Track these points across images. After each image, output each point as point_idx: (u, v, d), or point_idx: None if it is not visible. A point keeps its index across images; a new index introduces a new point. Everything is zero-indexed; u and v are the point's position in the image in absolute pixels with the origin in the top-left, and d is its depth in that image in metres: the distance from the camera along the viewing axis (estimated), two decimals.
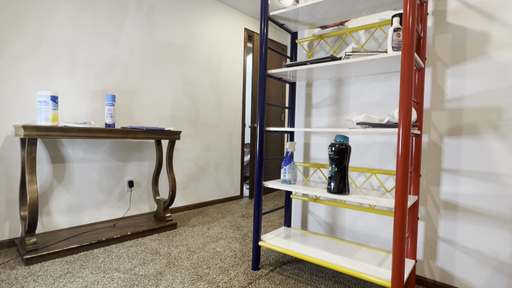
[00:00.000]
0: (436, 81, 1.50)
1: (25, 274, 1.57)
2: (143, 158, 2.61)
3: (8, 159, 1.90)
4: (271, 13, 1.67)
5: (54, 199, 2.09)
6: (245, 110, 3.63)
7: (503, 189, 1.33)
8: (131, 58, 2.50)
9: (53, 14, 2.05)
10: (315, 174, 1.95)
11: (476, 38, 1.39)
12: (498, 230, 1.34)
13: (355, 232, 1.78)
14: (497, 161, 1.34)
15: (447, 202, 1.47)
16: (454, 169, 1.45)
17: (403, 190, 1.16)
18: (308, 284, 1.54)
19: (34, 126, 1.63)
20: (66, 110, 2.14)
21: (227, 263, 1.77)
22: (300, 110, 2.04)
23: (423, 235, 1.54)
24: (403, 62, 1.16)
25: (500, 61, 1.33)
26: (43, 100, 1.71)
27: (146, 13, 2.59)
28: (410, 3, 1.15)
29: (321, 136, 1.93)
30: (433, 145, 1.51)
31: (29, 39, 1.95)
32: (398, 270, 1.16)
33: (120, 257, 1.82)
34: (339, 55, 1.86)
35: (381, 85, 1.67)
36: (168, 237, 2.18)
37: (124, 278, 1.56)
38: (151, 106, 2.66)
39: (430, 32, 1.51)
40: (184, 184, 2.98)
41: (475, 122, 1.39)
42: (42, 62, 2.02)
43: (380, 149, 1.67)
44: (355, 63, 1.40)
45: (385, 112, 1.65)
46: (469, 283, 1.42)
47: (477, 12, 1.39)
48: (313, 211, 1.97)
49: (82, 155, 2.22)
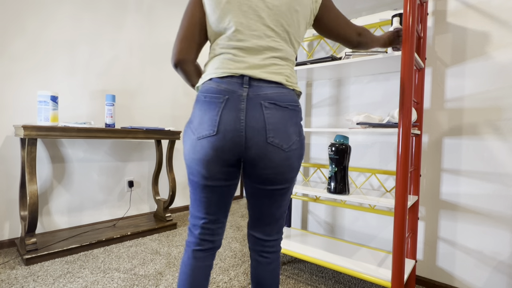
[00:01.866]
0: (436, 81, 1.50)
1: (25, 274, 1.57)
2: (143, 158, 2.61)
3: (8, 159, 1.89)
4: None
5: (54, 199, 2.09)
6: None
7: (503, 189, 1.33)
8: (131, 57, 2.50)
9: (53, 14, 2.05)
10: (315, 174, 1.95)
11: (476, 38, 1.39)
12: (498, 230, 1.34)
13: (355, 232, 1.78)
14: (497, 161, 1.34)
15: (447, 202, 1.47)
16: (454, 169, 1.45)
17: (403, 190, 1.16)
18: (308, 284, 1.54)
19: (34, 126, 1.63)
20: (66, 110, 2.13)
21: (227, 263, 1.77)
22: None
23: (423, 235, 1.54)
24: (403, 62, 1.16)
25: (500, 61, 1.33)
26: (43, 100, 1.71)
27: (146, 13, 2.59)
28: (410, 3, 1.15)
29: (321, 136, 1.93)
30: (433, 145, 1.51)
31: (29, 39, 1.95)
32: (398, 270, 1.16)
33: (120, 257, 1.82)
34: (339, 55, 1.86)
35: (381, 85, 1.67)
36: (168, 237, 2.18)
37: (124, 278, 1.56)
38: (151, 106, 2.66)
39: (430, 32, 1.51)
40: (184, 184, 2.98)
41: (475, 122, 1.39)
42: (42, 62, 2.02)
43: (380, 149, 1.67)
44: (355, 63, 1.40)
45: (385, 112, 1.65)
46: (469, 283, 1.42)
47: (477, 12, 1.39)
48: (313, 211, 1.97)
49: (82, 155, 2.22)
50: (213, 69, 0.80)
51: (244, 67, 0.77)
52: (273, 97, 0.76)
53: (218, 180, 0.80)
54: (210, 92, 0.77)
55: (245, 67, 0.77)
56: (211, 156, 0.77)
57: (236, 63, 0.78)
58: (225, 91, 0.76)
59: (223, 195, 0.83)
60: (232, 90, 0.76)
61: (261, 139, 0.75)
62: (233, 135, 0.75)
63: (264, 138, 0.75)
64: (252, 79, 0.77)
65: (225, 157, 0.77)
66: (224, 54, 0.80)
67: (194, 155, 0.79)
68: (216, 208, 0.84)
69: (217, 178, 0.80)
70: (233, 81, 0.77)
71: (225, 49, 0.80)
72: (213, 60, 0.82)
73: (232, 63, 0.78)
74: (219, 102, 0.75)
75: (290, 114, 0.79)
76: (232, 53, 0.79)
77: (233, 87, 0.76)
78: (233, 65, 0.78)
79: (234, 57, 0.79)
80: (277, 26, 0.79)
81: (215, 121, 0.75)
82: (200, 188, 0.82)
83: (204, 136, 0.76)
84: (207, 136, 0.76)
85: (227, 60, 0.79)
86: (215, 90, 0.77)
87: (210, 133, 0.75)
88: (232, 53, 0.79)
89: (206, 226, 0.85)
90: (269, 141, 0.76)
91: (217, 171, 0.79)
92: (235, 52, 0.79)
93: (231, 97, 0.75)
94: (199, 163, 0.78)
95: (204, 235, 0.86)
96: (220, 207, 0.85)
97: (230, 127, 0.74)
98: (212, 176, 0.79)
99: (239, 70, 0.77)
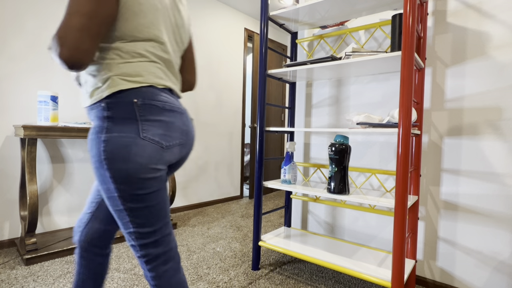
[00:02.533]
0: (436, 81, 1.50)
1: (25, 274, 1.57)
2: None
3: (8, 159, 1.89)
4: (271, 13, 1.67)
5: (54, 199, 2.09)
6: (245, 110, 3.63)
7: (503, 189, 1.33)
8: None
9: (53, 14, 2.05)
10: (315, 174, 1.95)
11: (476, 38, 1.39)
12: (498, 230, 1.34)
13: (355, 232, 1.78)
14: (497, 161, 1.34)
15: (447, 202, 1.47)
16: (454, 169, 1.45)
17: (403, 190, 1.16)
18: (308, 284, 1.54)
19: (34, 126, 1.63)
20: (66, 110, 2.13)
21: (227, 263, 1.77)
22: (300, 110, 2.04)
23: (423, 235, 1.54)
24: (403, 62, 1.16)
25: (500, 61, 1.33)
26: (43, 100, 1.71)
27: None
28: (410, 3, 1.15)
29: (321, 136, 1.93)
30: (433, 145, 1.51)
31: (29, 39, 1.95)
32: (398, 270, 1.16)
33: (120, 257, 1.82)
34: (339, 55, 1.86)
35: (381, 85, 1.67)
36: None
37: (124, 278, 1.56)
38: None
39: (430, 32, 1.51)
40: (184, 184, 2.98)
41: (475, 122, 1.39)
42: (42, 62, 2.01)
43: (380, 149, 1.67)
44: (355, 63, 1.40)
45: (385, 112, 1.65)
46: (469, 283, 1.42)
47: (477, 12, 1.39)
48: (313, 211, 1.97)
49: (82, 155, 2.22)
50: (151, 75, 0.78)
51: (172, 82, 0.84)
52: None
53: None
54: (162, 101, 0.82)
55: (172, 83, 0.84)
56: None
57: (166, 76, 0.82)
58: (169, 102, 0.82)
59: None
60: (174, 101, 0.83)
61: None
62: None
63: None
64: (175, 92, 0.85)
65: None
66: (154, 63, 0.78)
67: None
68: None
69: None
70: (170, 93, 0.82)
71: (154, 57, 0.78)
72: (141, 64, 0.76)
73: (163, 75, 0.80)
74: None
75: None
76: (160, 64, 0.80)
77: (175, 99, 0.83)
78: (165, 77, 0.81)
79: (163, 68, 0.81)
80: (182, 42, 0.89)
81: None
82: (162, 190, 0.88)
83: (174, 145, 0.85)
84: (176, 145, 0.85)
85: (158, 70, 0.79)
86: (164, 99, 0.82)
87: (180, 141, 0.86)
88: (160, 64, 0.80)
89: (172, 233, 0.89)
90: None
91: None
92: (161, 63, 0.81)
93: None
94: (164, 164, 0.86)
95: (175, 245, 0.87)
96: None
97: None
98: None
99: (169, 84, 0.82)
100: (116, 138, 0.70)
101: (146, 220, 0.75)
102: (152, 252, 0.77)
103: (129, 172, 0.70)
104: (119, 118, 0.72)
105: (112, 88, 0.72)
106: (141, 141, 0.71)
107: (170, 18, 0.82)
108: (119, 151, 0.70)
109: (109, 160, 0.70)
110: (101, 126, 0.72)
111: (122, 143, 0.70)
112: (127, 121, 0.72)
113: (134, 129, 0.71)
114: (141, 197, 0.73)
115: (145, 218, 0.75)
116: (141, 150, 0.71)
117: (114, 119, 0.72)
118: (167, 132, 0.77)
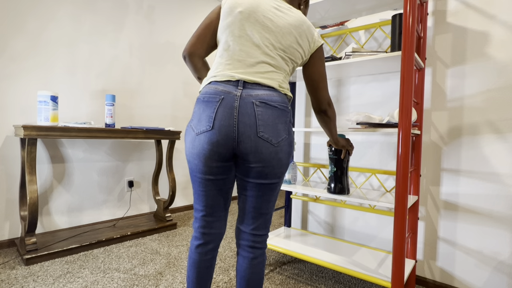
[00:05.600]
0: (436, 81, 1.50)
1: (25, 274, 1.57)
2: (143, 158, 2.61)
3: (8, 159, 1.89)
4: None
5: (54, 199, 2.09)
6: None
7: (503, 189, 1.33)
8: (131, 58, 2.50)
9: (53, 14, 2.05)
10: (315, 174, 1.95)
11: (476, 38, 1.39)
12: (498, 230, 1.34)
13: (355, 232, 1.78)
14: (497, 161, 1.34)
15: (447, 202, 1.47)
16: (454, 169, 1.45)
17: (403, 190, 1.16)
18: (308, 284, 1.54)
19: (34, 126, 1.63)
20: (66, 110, 2.13)
21: (227, 263, 1.77)
22: (300, 110, 2.04)
23: (423, 235, 1.54)
24: (403, 62, 1.16)
25: (500, 61, 1.33)
26: (43, 100, 1.71)
27: (146, 13, 2.59)
28: (410, 3, 1.15)
29: (321, 136, 1.93)
30: (433, 145, 1.51)
31: (29, 39, 1.95)
32: (398, 270, 1.16)
33: (120, 257, 1.82)
34: (339, 55, 1.86)
35: (381, 85, 1.67)
36: (168, 237, 2.18)
37: (124, 278, 1.56)
38: (151, 106, 2.66)
39: (430, 32, 1.51)
40: (184, 184, 2.98)
41: (475, 122, 1.39)
42: (42, 62, 2.02)
43: (380, 149, 1.67)
44: (355, 63, 1.40)
45: (385, 112, 1.65)
46: (469, 283, 1.42)
47: (477, 12, 1.39)
48: (313, 211, 1.97)
49: (82, 155, 2.22)
50: (213, 73, 0.89)
51: (241, 73, 0.86)
52: (264, 97, 0.84)
53: (214, 174, 0.88)
54: (208, 94, 0.86)
55: (242, 73, 0.86)
56: (207, 150, 0.84)
57: (234, 69, 0.87)
58: (221, 92, 0.84)
59: (218, 188, 0.91)
60: (228, 91, 0.84)
61: (252, 133, 0.82)
62: (227, 130, 0.82)
63: (255, 132, 0.82)
64: (246, 82, 0.85)
65: (220, 151, 0.84)
66: (225, 60, 0.89)
67: (193, 149, 0.87)
68: (212, 201, 0.92)
69: (213, 173, 0.88)
70: (229, 84, 0.85)
71: (226, 56, 0.89)
72: (215, 65, 0.91)
73: (231, 68, 0.87)
74: (215, 101, 0.84)
75: (279, 112, 0.86)
76: (231, 61, 0.88)
77: (229, 89, 0.84)
78: (231, 71, 0.87)
79: (234, 63, 0.88)
80: (276, 42, 0.89)
81: (211, 117, 0.83)
82: (198, 182, 0.91)
83: (202, 132, 0.84)
84: (204, 132, 0.84)
85: (227, 66, 0.88)
86: (212, 91, 0.85)
87: (207, 128, 0.84)
88: (231, 61, 0.88)
89: (204, 219, 0.94)
90: (260, 135, 0.83)
91: (213, 166, 0.87)
92: (234, 60, 0.88)
93: (226, 96, 0.83)
94: (197, 157, 0.87)
95: (202, 228, 0.94)
96: (216, 200, 0.93)
97: (224, 122, 0.82)
98: (208, 170, 0.87)
99: (237, 75, 0.86)
100: None
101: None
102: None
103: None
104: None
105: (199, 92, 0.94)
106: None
107: (253, 17, 0.90)
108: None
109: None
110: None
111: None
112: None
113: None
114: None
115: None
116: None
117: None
118: (197, 121, 0.87)
